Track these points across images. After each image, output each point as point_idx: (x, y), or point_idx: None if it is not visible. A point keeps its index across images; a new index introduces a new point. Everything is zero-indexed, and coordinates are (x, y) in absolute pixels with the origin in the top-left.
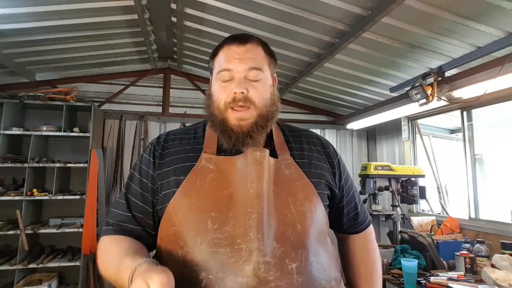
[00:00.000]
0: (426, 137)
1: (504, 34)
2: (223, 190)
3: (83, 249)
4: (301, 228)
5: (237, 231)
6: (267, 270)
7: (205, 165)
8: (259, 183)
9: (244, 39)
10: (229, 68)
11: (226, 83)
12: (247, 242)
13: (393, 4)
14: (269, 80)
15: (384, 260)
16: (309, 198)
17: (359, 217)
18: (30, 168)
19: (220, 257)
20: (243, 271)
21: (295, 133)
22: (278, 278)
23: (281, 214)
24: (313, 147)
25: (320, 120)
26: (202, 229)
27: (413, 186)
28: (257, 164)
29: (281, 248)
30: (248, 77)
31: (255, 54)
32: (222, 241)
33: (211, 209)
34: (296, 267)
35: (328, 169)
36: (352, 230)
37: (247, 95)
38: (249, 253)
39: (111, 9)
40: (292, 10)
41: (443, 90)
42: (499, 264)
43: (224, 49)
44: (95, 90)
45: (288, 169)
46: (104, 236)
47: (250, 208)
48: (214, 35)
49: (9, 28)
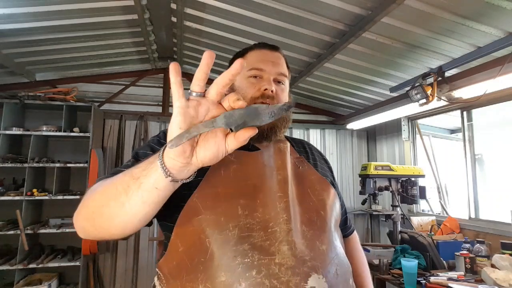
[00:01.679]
0: (426, 137)
1: (504, 34)
2: (247, 181)
3: (83, 249)
4: (324, 214)
5: (268, 215)
6: (302, 251)
7: (226, 157)
8: (285, 170)
9: (275, 47)
10: (262, 68)
11: (255, 80)
12: (280, 224)
13: (393, 4)
14: (288, 89)
15: (384, 260)
16: (326, 189)
17: (348, 222)
18: (30, 168)
19: (254, 240)
20: (281, 251)
21: (296, 140)
22: (313, 258)
23: (303, 202)
24: (314, 152)
25: (320, 120)
26: (233, 214)
27: (413, 186)
28: (281, 153)
29: (310, 231)
30: (276, 79)
31: (283, 63)
32: (254, 225)
33: (239, 196)
34: (326, 249)
35: (329, 172)
36: (343, 233)
37: (274, 94)
38: (284, 234)
39: (111, 9)
40: (292, 10)
41: (443, 90)
42: (499, 264)
43: (255, 52)
44: (95, 90)
45: (302, 165)
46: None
47: (280, 193)
48: (214, 35)
49: (9, 28)
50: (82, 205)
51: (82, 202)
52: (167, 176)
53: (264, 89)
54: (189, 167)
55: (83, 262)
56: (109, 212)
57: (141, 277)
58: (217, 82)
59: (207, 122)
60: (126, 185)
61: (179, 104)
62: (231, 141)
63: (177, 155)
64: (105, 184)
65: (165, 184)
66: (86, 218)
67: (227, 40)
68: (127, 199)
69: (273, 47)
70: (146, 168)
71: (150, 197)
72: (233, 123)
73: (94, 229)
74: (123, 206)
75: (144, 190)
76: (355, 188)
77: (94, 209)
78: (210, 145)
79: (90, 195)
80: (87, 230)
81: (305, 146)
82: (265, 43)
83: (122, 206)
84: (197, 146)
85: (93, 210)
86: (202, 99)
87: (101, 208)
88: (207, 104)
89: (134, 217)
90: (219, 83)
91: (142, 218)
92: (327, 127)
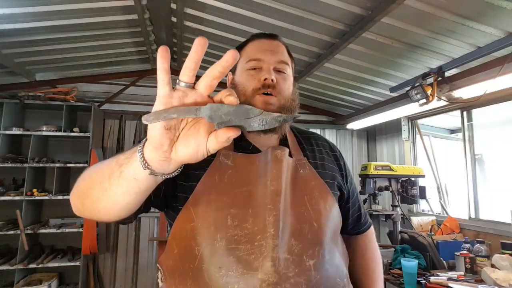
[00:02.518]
0: (426, 137)
1: (504, 34)
2: (242, 187)
3: (83, 249)
4: (318, 226)
5: (257, 227)
6: (287, 267)
7: (223, 161)
8: (279, 181)
9: (274, 36)
10: (260, 58)
11: (254, 72)
12: (267, 238)
13: (393, 4)
14: (292, 78)
15: (384, 260)
16: (324, 197)
17: (362, 218)
18: (30, 168)
19: (240, 253)
20: (264, 267)
21: (304, 135)
22: (297, 274)
23: (297, 212)
24: (322, 149)
25: (320, 120)
26: (222, 225)
27: (413, 186)
28: (277, 162)
29: (299, 245)
30: (276, 68)
31: (283, 50)
32: (241, 238)
33: (231, 205)
34: (313, 264)
35: (337, 171)
36: (355, 231)
37: (275, 83)
38: (269, 249)
39: (111, 9)
40: (292, 10)
41: (443, 90)
42: (499, 264)
43: (254, 43)
44: (95, 90)
45: (303, 168)
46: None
47: (271, 205)
48: (214, 35)
49: (9, 28)
50: (76, 184)
51: (77, 180)
52: (145, 168)
53: (264, 79)
54: (169, 162)
55: (83, 262)
56: (94, 196)
57: (141, 277)
58: (207, 74)
59: (190, 108)
60: (111, 170)
61: (162, 92)
62: (211, 141)
63: (155, 148)
64: (97, 166)
65: (144, 176)
66: (77, 197)
67: (227, 40)
68: (109, 186)
69: (271, 36)
70: (129, 157)
71: (129, 187)
72: (217, 118)
73: (84, 209)
74: (105, 192)
75: (124, 179)
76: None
77: (83, 190)
78: (190, 143)
79: (84, 175)
80: (78, 208)
81: (312, 142)
82: (263, 33)
83: (105, 192)
84: (177, 141)
85: (83, 191)
86: (189, 90)
87: (89, 190)
88: (194, 97)
89: (115, 204)
90: (209, 75)
91: (124, 207)
92: (327, 127)
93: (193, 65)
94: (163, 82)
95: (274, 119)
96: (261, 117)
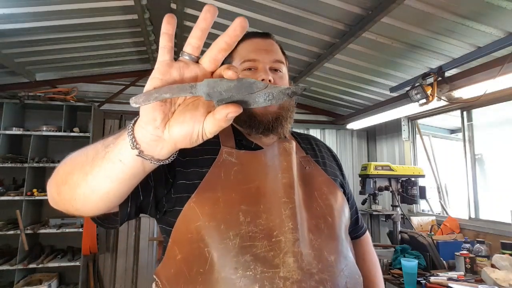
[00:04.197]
0: (426, 137)
1: (504, 34)
2: (249, 184)
3: (83, 249)
4: (332, 221)
5: (272, 223)
6: (310, 262)
7: (226, 158)
8: (291, 172)
9: (267, 34)
10: (255, 58)
11: (250, 73)
12: (285, 233)
13: (393, 4)
14: (287, 76)
15: (384, 260)
16: (333, 193)
17: (359, 221)
18: (30, 168)
19: (257, 251)
20: (286, 263)
21: (302, 136)
22: (320, 270)
23: (310, 207)
24: (322, 149)
25: (320, 120)
26: (234, 222)
27: (413, 186)
28: (287, 154)
29: (317, 240)
30: (272, 68)
31: (277, 49)
32: (257, 234)
33: (240, 202)
34: (334, 259)
35: (338, 170)
36: (354, 234)
37: (272, 83)
38: (289, 244)
39: (111, 9)
40: (292, 10)
41: (443, 90)
42: (499, 264)
43: (247, 42)
44: (95, 90)
45: (308, 165)
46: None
47: (286, 198)
48: (214, 35)
49: (9, 28)
50: (56, 170)
51: (58, 166)
52: (133, 148)
53: (261, 80)
54: (161, 144)
55: (83, 262)
56: (72, 181)
57: (141, 277)
58: (213, 46)
59: (185, 85)
60: (96, 151)
61: (162, 59)
62: (209, 122)
63: (146, 123)
64: (83, 149)
65: (131, 158)
66: (54, 184)
67: None
68: (91, 169)
69: (264, 35)
70: (117, 137)
71: (112, 171)
72: (216, 95)
73: (59, 198)
74: (85, 176)
75: (108, 160)
76: (355, 188)
77: (62, 175)
78: (186, 119)
79: (65, 159)
80: (54, 197)
81: (312, 142)
82: (255, 32)
83: (85, 176)
84: (172, 118)
85: (61, 176)
86: (192, 63)
87: (67, 175)
88: (196, 70)
89: (94, 192)
90: (214, 47)
91: (103, 197)
92: (327, 127)
93: (199, 33)
94: (165, 49)
95: (282, 92)
96: (266, 91)
